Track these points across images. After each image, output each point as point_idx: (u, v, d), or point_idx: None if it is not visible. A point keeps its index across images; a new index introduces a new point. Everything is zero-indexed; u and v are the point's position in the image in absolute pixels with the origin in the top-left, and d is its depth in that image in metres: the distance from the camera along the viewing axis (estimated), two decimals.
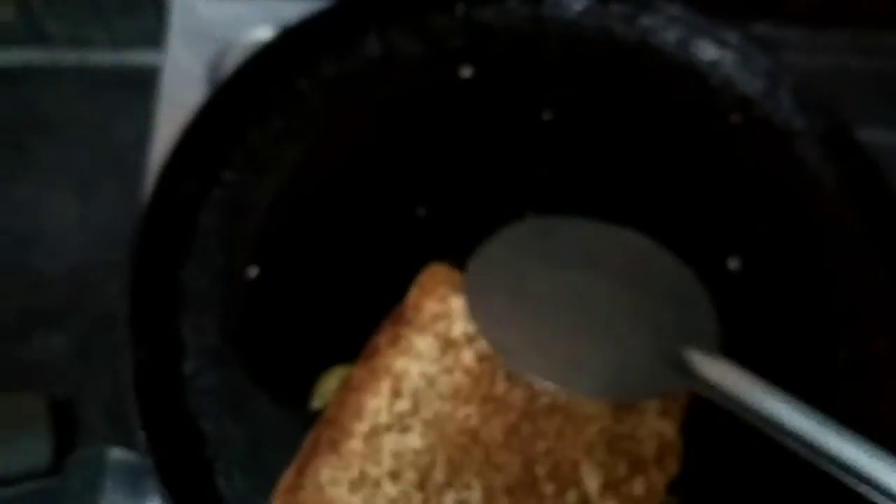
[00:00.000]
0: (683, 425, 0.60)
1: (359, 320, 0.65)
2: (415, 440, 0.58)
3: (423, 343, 0.61)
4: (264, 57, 0.72)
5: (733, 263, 0.69)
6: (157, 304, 0.64)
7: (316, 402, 0.63)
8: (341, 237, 0.69)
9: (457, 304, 0.62)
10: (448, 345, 0.61)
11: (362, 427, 0.59)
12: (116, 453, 0.68)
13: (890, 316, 0.68)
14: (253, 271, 0.67)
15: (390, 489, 0.57)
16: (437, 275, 0.64)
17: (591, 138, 0.74)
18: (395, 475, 0.57)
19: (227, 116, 0.71)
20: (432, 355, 0.61)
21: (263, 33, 0.76)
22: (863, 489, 0.52)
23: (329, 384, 0.64)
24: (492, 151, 0.73)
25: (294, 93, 0.74)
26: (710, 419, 0.61)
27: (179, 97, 0.78)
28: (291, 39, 0.74)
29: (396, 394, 0.59)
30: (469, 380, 0.59)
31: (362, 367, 0.61)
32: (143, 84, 0.95)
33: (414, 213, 0.70)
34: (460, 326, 0.61)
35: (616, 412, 0.58)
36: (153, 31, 1.01)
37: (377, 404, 0.59)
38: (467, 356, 0.60)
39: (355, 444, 0.58)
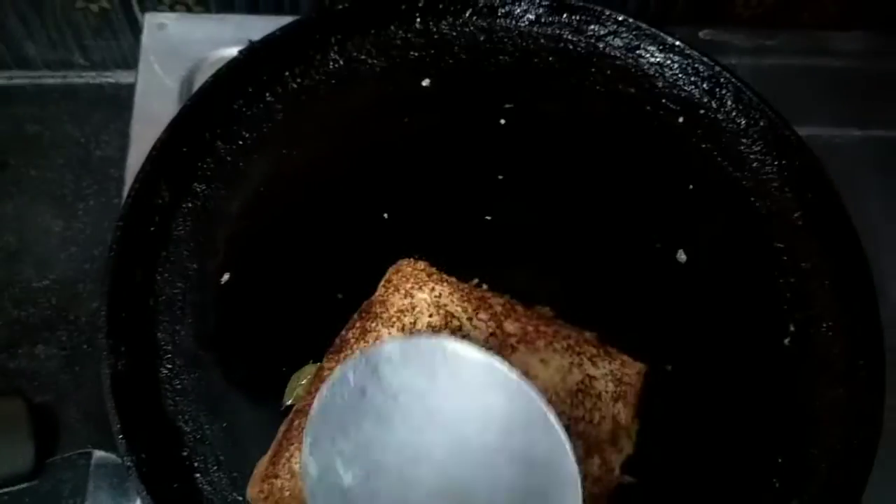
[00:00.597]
0: (639, 409, 0.63)
1: (327, 320, 0.68)
2: None
3: (390, 336, 0.64)
4: (231, 73, 0.75)
5: (682, 255, 0.72)
6: (133, 310, 0.67)
7: (288, 399, 0.66)
8: (309, 242, 0.72)
9: (422, 298, 0.65)
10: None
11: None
12: (100, 456, 0.70)
13: (833, 301, 0.71)
14: (225, 277, 0.71)
15: None
16: (403, 271, 0.67)
17: (545, 141, 0.78)
18: None
19: (197, 130, 0.74)
20: None
21: (232, 51, 0.79)
22: None
23: (300, 381, 0.67)
24: (451, 157, 0.76)
25: (261, 106, 0.77)
26: (666, 402, 0.65)
27: (152, 114, 0.80)
28: (257, 55, 0.77)
29: None
30: None
31: (332, 359, 0.64)
32: (123, 103, 0.98)
33: (378, 216, 0.74)
34: (425, 320, 0.64)
35: (573, 396, 0.61)
36: (132, 52, 1.04)
37: None
38: None
39: None
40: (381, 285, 0.67)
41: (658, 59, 0.80)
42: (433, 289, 0.65)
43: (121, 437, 0.61)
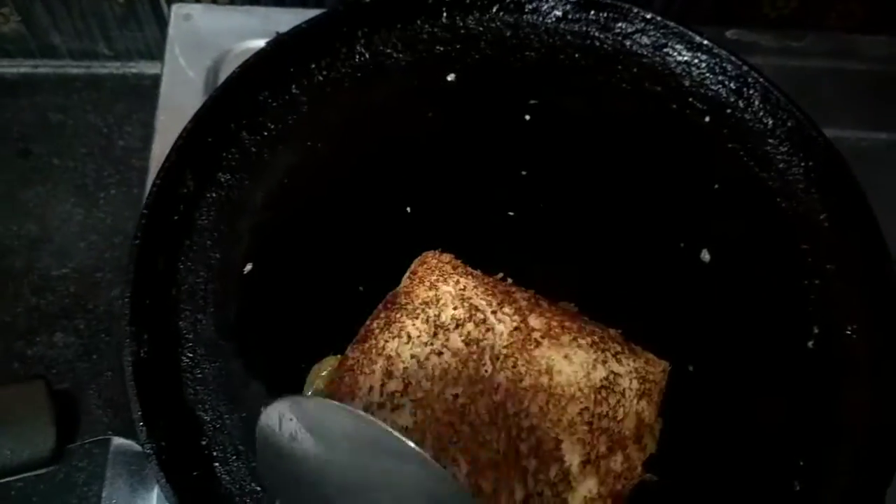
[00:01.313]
0: (663, 407, 0.63)
1: (348, 312, 0.67)
2: (405, 418, 0.61)
3: (415, 327, 0.64)
4: (257, 64, 0.75)
5: (706, 255, 0.72)
6: (155, 298, 0.67)
7: (308, 391, 0.66)
8: (331, 234, 0.72)
9: (446, 291, 0.65)
10: (438, 329, 0.64)
11: (356, 405, 0.61)
12: (118, 444, 0.71)
13: (858, 304, 0.70)
14: (247, 267, 0.71)
15: None
16: (428, 263, 0.67)
17: (570, 139, 0.77)
18: None
19: (223, 120, 0.74)
20: (423, 339, 0.63)
21: (258, 43, 0.79)
22: None
23: (320, 373, 0.66)
24: (475, 152, 0.76)
25: (286, 98, 0.77)
26: (688, 402, 0.65)
27: (177, 104, 0.81)
28: (283, 47, 0.77)
29: (388, 375, 0.62)
30: (457, 362, 0.62)
31: (356, 349, 0.64)
32: (147, 94, 0.99)
33: (401, 210, 0.73)
34: (450, 312, 0.64)
35: (597, 393, 0.61)
36: (156, 43, 1.05)
37: (370, 384, 0.62)
38: (456, 339, 0.63)
39: None
40: (406, 277, 0.67)
41: (685, 58, 0.80)
42: (458, 281, 0.65)
43: (141, 424, 0.61)
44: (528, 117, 0.78)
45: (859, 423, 0.66)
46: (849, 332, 0.69)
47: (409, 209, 0.74)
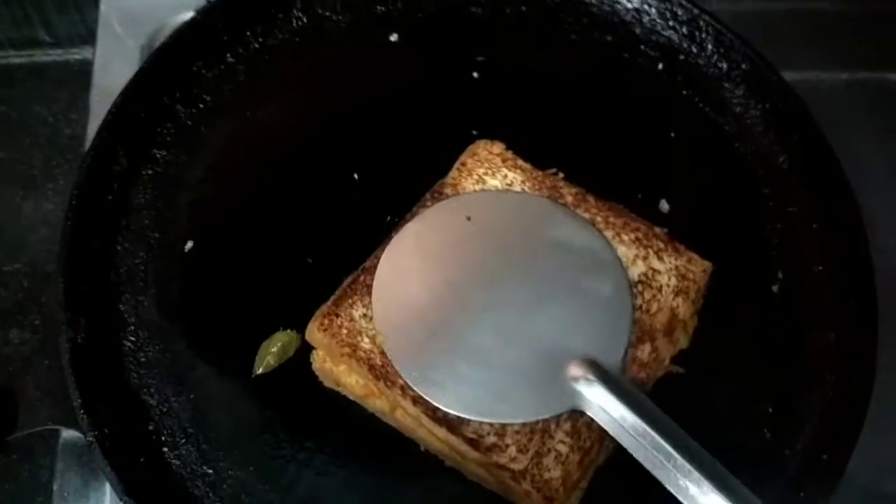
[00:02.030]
0: (702, 307, 0.64)
1: (297, 286, 0.66)
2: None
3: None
4: (188, 34, 0.73)
5: (664, 205, 0.70)
6: (92, 281, 0.65)
7: (259, 368, 0.64)
8: (275, 206, 0.70)
9: (493, 185, 0.66)
10: None
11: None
12: (68, 435, 0.68)
13: (822, 247, 0.68)
14: (188, 245, 0.68)
15: None
16: (479, 155, 0.68)
17: (520, 95, 0.75)
18: None
19: (155, 94, 0.71)
20: None
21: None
22: None
23: (270, 349, 0.64)
24: (423, 114, 0.74)
25: (221, 68, 0.75)
26: (730, 305, 0.65)
27: (113, 85, 0.77)
28: (215, 15, 0.74)
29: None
30: None
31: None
32: (90, 80, 0.95)
33: (349, 177, 0.71)
34: None
35: (633, 286, 0.62)
36: (96, 27, 1.02)
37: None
38: None
39: None
40: (455, 167, 0.67)
41: (635, 5, 0.78)
42: (506, 175, 0.67)
43: (82, 411, 0.59)
44: (476, 75, 0.76)
45: (829, 365, 0.64)
46: (814, 274, 0.68)
47: (356, 176, 0.71)
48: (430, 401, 0.57)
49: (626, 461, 0.54)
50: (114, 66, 0.82)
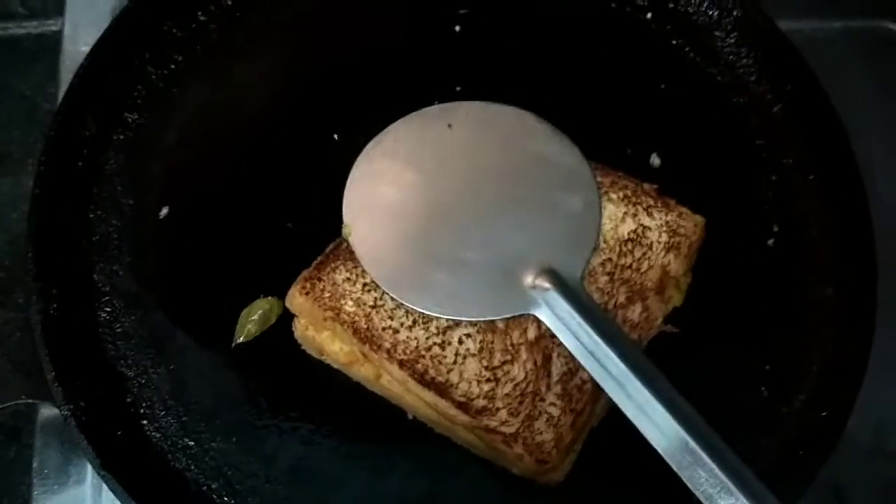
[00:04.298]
0: (697, 263, 0.63)
1: (277, 251, 0.64)
2: None
3: None
4: None
5: (655, 160, 0.68)
6: (64, 251, 0.63)
7: (239, 337, 0.62)
8: (253, 169, 0.67)
9: None
10: None
11: None
12: (48, 412, 0.66)
13: (818, 198, 0.67)
14: (163, 211, 0.66)
15: None
16: None
17: (504, 48, 0.72)
18: None
19: (123, 56, 0.68)
20: None
21: None
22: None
23: (251, 317, 0.62)
24: (404, 70, 0.71)
25: (193, 27, 0.71)
26: (724, 261, 0.64)
27: (83, 51, 0.74)
28: None
29: None
30: None
31: None
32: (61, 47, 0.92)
33: (328, 137, 0.69)
34: None
35: (622, 245, 0.61)
36: None
37: None
38: None
39: None
40: None
41: None
42: None
43: (56, 385, 0.58)
44: (458, 28, 0.73)
45: (827, 321, 0.63)
46: (811, 227, 0.66)
47: (336, 136, 0.69)
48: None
49: (621, 423, 0.52)
50: (84, 32, 0.79)
